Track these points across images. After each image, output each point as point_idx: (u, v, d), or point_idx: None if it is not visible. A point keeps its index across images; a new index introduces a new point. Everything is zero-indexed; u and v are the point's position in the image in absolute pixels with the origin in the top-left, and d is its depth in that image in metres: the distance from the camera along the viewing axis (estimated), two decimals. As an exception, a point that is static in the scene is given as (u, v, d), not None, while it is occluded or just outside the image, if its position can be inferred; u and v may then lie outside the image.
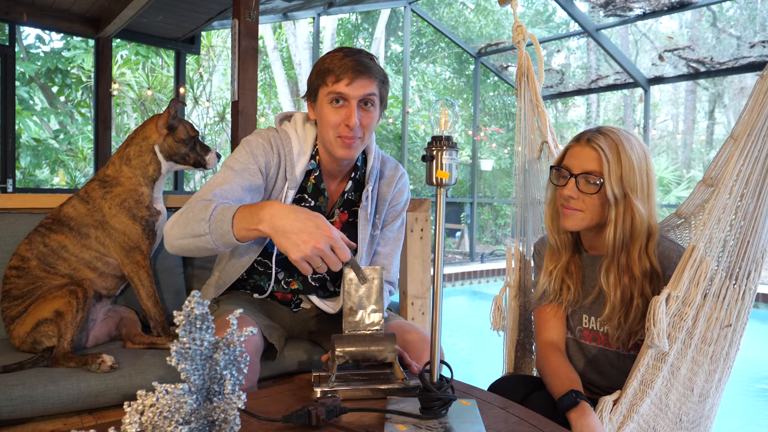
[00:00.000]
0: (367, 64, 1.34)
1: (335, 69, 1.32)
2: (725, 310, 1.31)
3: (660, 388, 1.29)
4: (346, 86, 1.32)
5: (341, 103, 1.34)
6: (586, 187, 1.33)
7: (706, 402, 1.38)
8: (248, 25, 3.26)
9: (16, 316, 1.46)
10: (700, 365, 1.33)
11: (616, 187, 1.29)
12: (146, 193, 1.61)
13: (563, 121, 13.88)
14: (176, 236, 1.24)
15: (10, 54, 5.27)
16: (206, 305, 0.78)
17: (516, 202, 1.82)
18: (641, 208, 1.30)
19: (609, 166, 1.30)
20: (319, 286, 1.55)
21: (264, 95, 11.57)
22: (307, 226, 1.07)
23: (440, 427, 0.96)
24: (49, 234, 1.54)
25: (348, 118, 1.33)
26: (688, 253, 1.25)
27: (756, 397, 4.00)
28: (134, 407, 0.73)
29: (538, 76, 1.76)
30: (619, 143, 1.31)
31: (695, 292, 1.25)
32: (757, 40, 6.79)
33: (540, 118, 1.75)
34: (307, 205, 1.47)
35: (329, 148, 1.39)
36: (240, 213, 1.15)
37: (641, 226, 1.31)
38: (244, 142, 1.42)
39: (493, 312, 1.73)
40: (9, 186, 5.19)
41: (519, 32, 1.77)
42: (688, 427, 1.37)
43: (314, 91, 1.38)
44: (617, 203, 1.30)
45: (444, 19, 11.14)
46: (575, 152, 1.37)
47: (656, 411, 1.30)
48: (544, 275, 1.47)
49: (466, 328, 5.87)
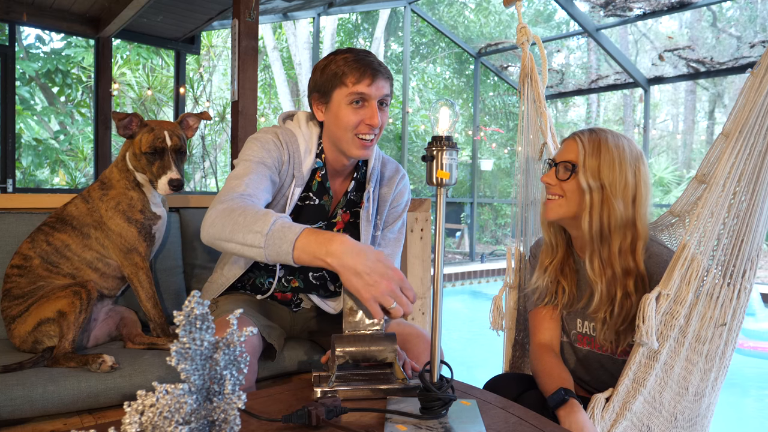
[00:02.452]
0: (380, 64, 1.38)
1: (354, 70, 1.34)
2: (720, 308, 1.32)
3: (653, 387, 1.29)
4: (368, 86, 1.34)
5: (361, 103, 1.36)
6: (562, 174, 1.37)
7: (702, 401, 1.39)
8: (248, 25, 3.26)
9: (17, 316, 1.46)
10: (694, 364, 1.33)
11: (591, 177, 1.32)
12: (135, 197, 1.57)
13: (563, 121, 13.88)
14: (219, 237, 1.19)
15: (10, 54, 5.27)
16: (206, 305, 0.78)
17: (517, 202, 1.82)
18: (620, 206, 1.31)
19: (585, 156, 1.34)
20: (320, 285, 1.56)
21: (264, 95, 11.58)
22: (377, 267, 1.05)
23: (440, 427, 0.96)
24: (53, 233, 1.54)
25: (371, 117, 1.36)
26: (679, 251, 1.26)
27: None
28: (134, 407, 0.73)
29: (541, 76, 1.76)
30: (604, 140, 1.34)
31: (687, 290, 1.26)
32: (757, 40, 6.80)
33: (542, 119, 1.76)
34: (311, 203, 1.48)
35: (344, 148, 1.40)
36: (305, 238, 1.09)
37: (620, 223, 1.32)
38: (253, 139, 1.42)
39: (493, 312, 1.74)
40: (9, 186, 5.19)
41: (523, 33, 1.78)
42: (684, 426, 1.38)
43: (327, 92, 1.38)
44: (592, 192, 1.32)
45: (444, 19, 11.13)
46: (563, 145, 1.42)
47: (650, 409, 1.31)
48: (538, 271, 1.49)
49: (466, 328, 5.88)
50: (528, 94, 1.79)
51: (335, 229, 1.52)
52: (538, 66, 1.77)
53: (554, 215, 1.39)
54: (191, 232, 1.92)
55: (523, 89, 1.79)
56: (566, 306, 1.47)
